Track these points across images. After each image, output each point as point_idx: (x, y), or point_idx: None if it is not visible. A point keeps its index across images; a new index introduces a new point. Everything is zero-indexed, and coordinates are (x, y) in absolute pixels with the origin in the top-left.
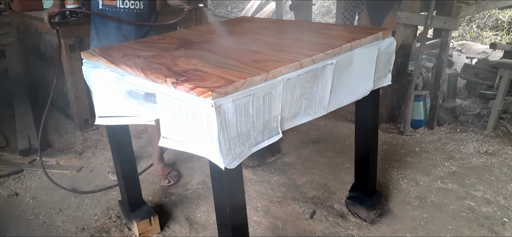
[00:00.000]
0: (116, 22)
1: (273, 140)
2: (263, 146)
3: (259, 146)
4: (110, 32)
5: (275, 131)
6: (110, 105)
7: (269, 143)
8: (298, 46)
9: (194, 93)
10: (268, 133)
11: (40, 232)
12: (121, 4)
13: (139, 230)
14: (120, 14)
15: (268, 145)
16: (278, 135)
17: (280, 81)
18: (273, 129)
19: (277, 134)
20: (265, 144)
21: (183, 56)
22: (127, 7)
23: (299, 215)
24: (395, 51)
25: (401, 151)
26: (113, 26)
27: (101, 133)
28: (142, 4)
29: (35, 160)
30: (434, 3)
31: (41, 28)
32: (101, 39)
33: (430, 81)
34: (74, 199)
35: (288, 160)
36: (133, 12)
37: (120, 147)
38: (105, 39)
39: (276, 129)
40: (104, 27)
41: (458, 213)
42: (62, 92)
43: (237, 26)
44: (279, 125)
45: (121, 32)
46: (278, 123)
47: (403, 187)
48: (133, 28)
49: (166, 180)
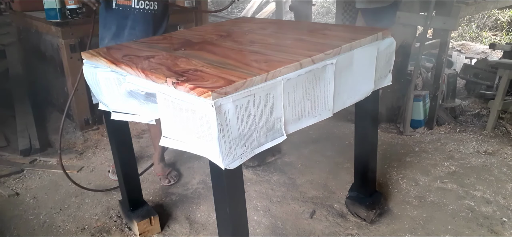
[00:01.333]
0: (130, 22)
1: (276, 141)
2: (267, 148)
3: (262, 147)
4: (123, 33)
5: (279, 132)
6: (114, 102)
7: (273, 144)
8: (298, 46)
9: (194, 93)
10: (271, 135)
11: (40, 232)
12: (135, 4)
13: (140, 229)
14: (135, 14)
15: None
16: (283, 136)
17: (280, 81)
18: (277, 131)
19: (281, 136)
20: (268, 146)
21: (183, 56)
22: (142, 8)
23: (299, 214)
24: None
25: (401, 151)
26: (127, 26)
27: (102, 133)
28: (156, 4)
29: (36, 160)
30: (434, 3)
31: (41, 28)
32: (113, 39)
33: (429, 81)
34: (74, 199)
35: (288, 160)
36: (148, 13)
37: (120, 147)
38: (117, 39)
39: (280, 131)
40: (118, 27)
41: (458, 213)
42: (62, 92)
43: (237, 26)
44: (283, 126)
45: (135, 33)
46: (282, 124)
47: (402, 187)
48: (149, 29)
49: (166, 180)
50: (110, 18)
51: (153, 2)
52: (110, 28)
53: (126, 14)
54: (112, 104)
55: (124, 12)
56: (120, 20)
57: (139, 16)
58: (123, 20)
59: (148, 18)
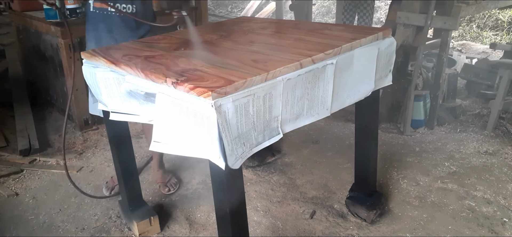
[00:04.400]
0: (107, 26)
1: (273, 140)
2: (264, 147)
3: (260, 146)
4: (101, 36)
5: (276, 131)
6: (113, 102)
7: (270, 143)
8: (298, 46)
9: (194, 93)
10: (268, 133)
11: (40, 232)
12: (111, 7)
13: (139, 230)
14: (111, 18)
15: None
16: (279, 135)
17: (280, 81)
18: (274, 129)
19: (278, 134)
20: (266, 145)
21: (183, 56)
22: (118, 10)
23: (299, 215)
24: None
25: (401, 151)
26: (104, 30)
27: (101, 133)
28: (135, 5)
29: (35, 160)
30: (434, 3)
31: (40, 28)
32: (95, 43)
33: (430, 81)
34: (74, 199)
35: (288, 160)
36: (125, 15)
37: (120, 147)
38: (99, 42)
39: (277, 129)
40: (95, 31)
41: (458, 213)
42: (62, 92)
43: (237, 26)
44: (280, 125)
45: (112, 36)
46: (279, 123)
47: (403, 187)
48: (127, 33)
49: (165, 188)
50: (90, 21)
51: (131, 5)
52: (89, 31)
53: (103, 17)
54: (111, 104)
55: (101, 15)
56: (98, 24)
57: (116, 19)
58: (101, 24)
59: (126, 20)
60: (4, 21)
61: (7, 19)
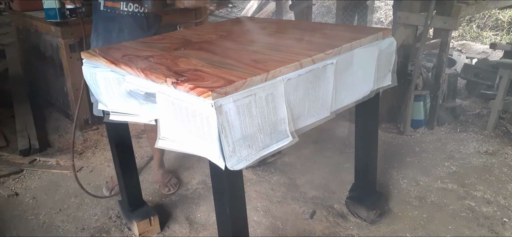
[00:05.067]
0: (118, 25)
1: (282, 143)
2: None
3: (268, 149)
4: (111, 36)
5: (284, 134)
6: (113, 102)
7: (279, 146)
8: (298, 46)
9: (194, 93)
10: (276, 136)
11: (40, 232)
12: (124, 7)
13: (139, 230)
14: (123, 17)
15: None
16: (288, 138)
17: (281, 81)
18: (282, 132)
19: (286, 138)
20: (275, 147)
21: (183, 56)
22: (131, 10)
23: (299, 215)
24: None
25: (401, 151)
26: (115, 29)
27: (101, 133)
28: (147, 6)
29: (35, 160)
30: (434, 3)
31: (40, 28)
32: (102, 42)
33: (430, 81)
34: (74, 199)
35: (288, 160)
36: (137, 16)
37: (120, 147)
38: (105, 42)
39: (285, 132)
40: (105, 30)
41: (458, 213)
42: (62, 92)
43: (237, 26)
44: (287, 128)
45: (123, 36)
46: (286, 126)
47: (403, 187)
48: (139, 33)
49: (166, 189)
50: (99, 20)
51: (144, 5)
52: (98, 30)
53: (113, 16)
54: (111, 104)
55: (112, 14)
56: (108, 23)
57: (128, 19)
58: (111, 23)
59: (138, 21)
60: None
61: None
